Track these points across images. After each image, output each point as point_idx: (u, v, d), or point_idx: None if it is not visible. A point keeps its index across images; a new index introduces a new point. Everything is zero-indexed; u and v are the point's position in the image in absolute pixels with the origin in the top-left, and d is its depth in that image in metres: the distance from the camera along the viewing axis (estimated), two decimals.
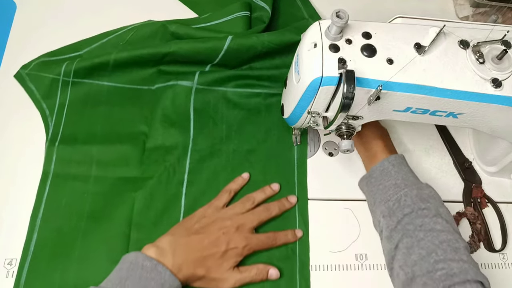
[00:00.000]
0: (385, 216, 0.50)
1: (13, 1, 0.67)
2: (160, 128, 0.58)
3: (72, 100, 0.59)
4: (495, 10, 0.71)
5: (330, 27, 0.42)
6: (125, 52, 0.60)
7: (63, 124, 0.58)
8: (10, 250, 0.51)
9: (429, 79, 0.43)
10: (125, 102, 0.60)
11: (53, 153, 0.56)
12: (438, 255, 0.44)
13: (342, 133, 0.49)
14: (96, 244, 0.51)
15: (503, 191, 0.61)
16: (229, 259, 0.49)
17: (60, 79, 0.59)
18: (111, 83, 0.61)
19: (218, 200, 0.54)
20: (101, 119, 0.59)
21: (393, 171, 0.52)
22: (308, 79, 0.43)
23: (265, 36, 0.61)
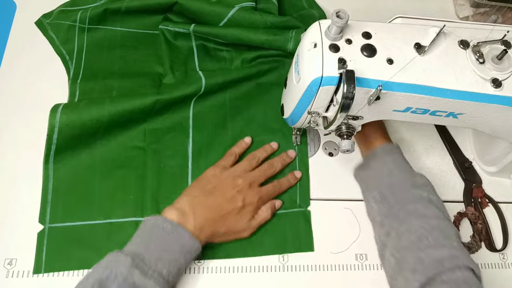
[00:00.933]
0: (377, 201, 0.50)
1: (13, 1, 0.67)
2: (172, 68, 0.63)
3: (89, 45, 0.63)
4: (495, 10, 0.71)
5: (330, 27, 0.42)
6: (136, 1, 0.64)
7: (83, 66, 0.62)
8: (10, 250, 0.51)
9: (429, 79, 0.43)
10: (138, 45, 0.65)
11: (76, 89, 0.59)
12: (429, 240, 0.45)
13: (342, 133, 0.49)
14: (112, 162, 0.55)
15: (503, 191, 0.61)
16: (247, 213, 0.52)
17: (77, 26, 0.63)
18: (124, 28, 0.65)
19: (224, 161, 0.56)
20: (117, 60, 0.63)
21: (387, 158, 0.53)
22: (308, 79, 0.43)
23: (269, 17, 0.63)
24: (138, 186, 0.55)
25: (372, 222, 0.53)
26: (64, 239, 0.51)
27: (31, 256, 0.51)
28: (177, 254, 0.46)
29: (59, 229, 0.52)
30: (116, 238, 0.51)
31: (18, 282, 0.49)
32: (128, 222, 0.53)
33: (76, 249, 0.51)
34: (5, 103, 0.60)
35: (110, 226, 0.52)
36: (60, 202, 0.53)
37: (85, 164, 0.55)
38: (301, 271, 0.53)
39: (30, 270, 0.50)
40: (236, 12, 0.62)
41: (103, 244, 0.51)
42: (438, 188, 0.59)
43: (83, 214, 0.53)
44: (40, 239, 0.51)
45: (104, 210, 0.53)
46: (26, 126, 0.58)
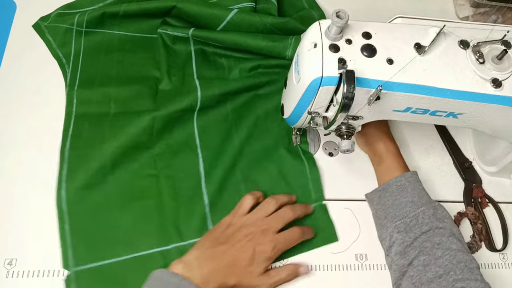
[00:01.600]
0: (401, 232, 0.49)
1: (13, 1, 0.67)
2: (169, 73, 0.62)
3: (86, 48, 0.63)
4: (495, 10, 0.71)
5: (330, 27, 0.42)
6: (134, 5, 0.64)
7: (79, 70, 0.61)
8: (10, 250, 0.51)
9: (429, 79, 0.43)
10: (136, 49, 0.64)
11: (73, 97, 0.59)
12: (456, 274, 0.45)
13: (342, 133, 0.49)
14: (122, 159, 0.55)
15: (503, 191, 0.61)
16: (258, 265, 0.48)
17: (74, 29, 0.63)
18: (122, 31, 0.65)
19: (241, 207, 0.52)
20: (115, 64, 0.62)
21: (410, 188, 0.52)
22: (308, 79, 0.43)
23: (269, 18, 0.63)
24: (158, 215, 0.53)
25: (387, 250, 0.51)
26: (92, 281, 0.49)
27: (31, 256, 0.51)
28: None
29: (85, 272, 0.49)
30: (145, 272, 0.48)
31: (18, 282, 0.49)
32: (154, 253, 0.51)
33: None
34: (5, 103, 0.60)
35: (137, 260, 0.51)
36: (81, 243, 0.51)
37: (100, 201, 0.53)
38: None
39: (30, 270, 0.50)
40: (235, 14, 0.62)
41: (132, 280, 0.49)
42: (438, 188, 0.60)
43: (107, 252, 0.50)
44: (68, 285, 0.49)
45: (128, 245, 0.51)
46: (26, 126, 0.58)
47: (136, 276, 0.49)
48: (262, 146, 0.59)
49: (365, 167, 0.60)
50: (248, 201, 0.52)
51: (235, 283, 0.47)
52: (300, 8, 0.70)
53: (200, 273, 0.46)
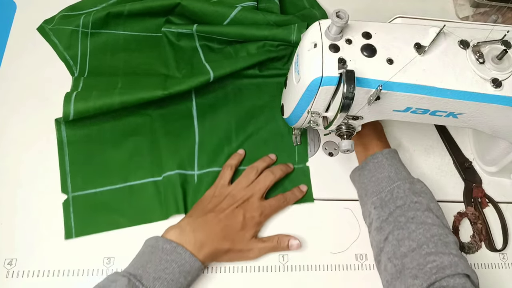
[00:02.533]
0: (377, 207, 0.50)
1: (13, 1, 0.67)
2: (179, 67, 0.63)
3: (92, 49, 0.63)
4: (495, 10, 0.71)
5: (330, 27, 0.42)
6: (138, 4, 0.63)
7: (87, 70, 0.62)
8: (10, 250, 0.51)
9: (429, 79, 0.43)
10: (142, 48, 0.65)
11: (79, 82, 0.59)
12: (429, 247, 0.45)
13: (342, 133, 0.49)
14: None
15: (503, 191, 0.61)
16: (249, 229, 0.51)
17: (80, 31, 0.63)
18: (127, 31, 0.65)
19: (222, 178, 0.55)
20: (122, 63, 0.63)
21: (387, 164, 0.53)
22: (308, 79, 0.43)
23: (272, 16, 0.63)
24: (150, 150, 0.57)
25: (368, 227, 0.52)
26: (88, 205, 0.53)
27: (31, 256, 0.51)
28: (176, 274, 0.45)
29: (82, 197, 0.54)
30: (138, 199, 0.54)
31: (18, 282, 0.49)
32: (147, 183, 0.55)
33: (102, 213, 0.53)
34: (5, 103, 0.60)
35: (130, 189, 0.55)
36: (78, 172, 0.55)
37: (96, 137, 0.57)
38: (301, 271, 0.53)
39: (30, 270, 0.50)
40: (239, 12, 0.62)
41: (126, 206, 0.54)
42: (438, 188, 0.60)
43: (102, 181, 0.55)
44: (66, 208, 0.53)
45: (122, 175, 0.55)
46: (26, 126, 0.58)
47: (128, 203, 0.54)
48: (256, 105, 0.62)
49: None
50: (228, 172, 0.55)
51: (229, 247, 0.49)
52: (301, 7, 0.70)
53: (194, 239, 0.48)
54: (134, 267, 0.46)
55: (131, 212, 0.53)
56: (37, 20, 0.65)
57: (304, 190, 0.57)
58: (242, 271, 0.52)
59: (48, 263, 0.50)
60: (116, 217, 0.53)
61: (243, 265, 0.52)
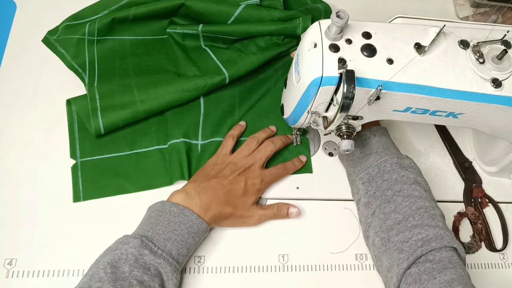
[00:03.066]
0: (365, 183, 0.51)
1: (13, 1, 0.67)
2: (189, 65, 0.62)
3: (100, 56, 0.63)
4: (495, 10, 0.71)
5: (330, 27, 0.42)
6: (143, 8, 0.63)
7: (97, 74, 0.61)
8: (10, 250, 0.51)
9: (429, 79, 0.43)
10: (150, 51, 0.65)
11: (94, 92, 0.58)
12: (415, 220, 0.45)
13: (342, 133, 0.49)
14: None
15: (503, 191, 0.61)
16: (251, 196, 0.53)
17: (86, 39, 0.63)
18: (133, 36, 0.65)
19: (224, 147, 0.57)
20: (131, 68, 0.63)
21: (374, 140, 0.53)
22: (308, 79, 0.43)
23: (276, 12, 0.63)
24: (158, 119, 0.59)
25: (357, 204, 0.53)
26: (96, 170, 0.56)
27: (31, 256, 0.51)
28: (185, 235, 0.47)
29: (90, 162, 0.56)
30: (144, 166, 0.57)
31: (18, 282, 0.49)
32: (153, 151, 0.58)
33: (109, 178, 0.56)
34: (5, 103, 0.60)
35: (137, 156, 0.57)
36: (87, 138, 0.57)
37: None
38: (301, 271, 0.53)
39: (30, 270, 0.50)
40: (243, 10, 0.62)
41: (132, 172, 0.56)
42: (438, 188, 0.60)
43: (109, 148, 0.57)
44: (74, 172, 0.56)
45: (129, 143, 0.58)
46: (26, 126, 0.58)
47: (134, 169, 0.56)
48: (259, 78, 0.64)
49: None
50: (230, 142, 0.57)
51: (231, 212, 0.51)
52: (304, 3, 0.70)
53: (199, 202, 0.49)
54: (143, 229, 0.47)
55: (137, 178, 0.56)
56: (37, 20, 0.66)
57: (303, 161, 0.59)
58: (242, 271, 0.52)
59: (48, 263, 0.50)
60: (122, 182, 0.55)
61: (243, 265, 0.52)
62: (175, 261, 0.46)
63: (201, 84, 0.59)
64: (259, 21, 0.62)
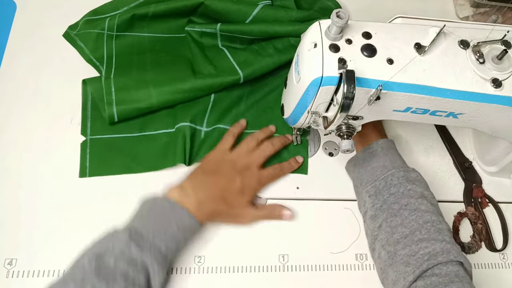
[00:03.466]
0: (371, 196, 0.51)
1: (13, 1, 0.67)
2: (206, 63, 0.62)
3: (118, 52, 0.64)
4: (495, 10, 0.71)
5: (330, 27, 0.42)
6: (163, 5, 0.63)
7: (114, 67, 0.62)
8: (10, 250, 0.51)
9: (429, 79, 0.43)
10: (167, 49, 0.65)
11: (111, 85, 0.59)
12: (422, 234, 0.45)
13: (342, 133, 0.49)
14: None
15: (503, 191, 0.61)
16: (246, 195, 0.53)
17: (105, 33, 0.63)
18: (151, 33, 0.66)
19: (223, 144, 0.57)
20: (149, 63, 0.63)
21: (382, 153, 0.53)
22: (308, 79, 0.43)
23: (293, 12, 0.63)
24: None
25: (363, 216, 0.53)
26: (104, 148, 0.57)
27: (31, 256, 0.51)
28: (175, 230, 0.47)
29: (99, 140, 0.58)
30: (150, 147, 0.58)
31: (18, 282, 0.49)
32: (161, 134, 0.59)
33: (116, 157, 0.57)
34: (5, 103, 0.60)
35: (145, 138, 0.59)
36: (98, 117, 0.58)
37: None
38: (301, 271, 0.53)
39: (30, 270, 0.50)
40: (261, 9, 0.62)
41: (140, 152, 0.58)
42: (438, 188, 0.59)
43: (120, 128, 0.59)
44: (83, 149, 0.57)
45: (138, 125, 0.59)
46: (26, 126, 0.58)
47: (142, 149, 0.58)
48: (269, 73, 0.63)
49: None
50: (229, 140, 0.57)
51: (225, 209, 0.52)
52: (313, 0, 0.70)
53: (194, 198, 0.49)
54: (133, 222, 0.47)
55: (144, 159, 0.57)
56: (37, 20, 0.66)
57: (300, 161, 0.59)
58: (242, 271, 0.52)
59: (48, 263, 0.50)
60: (130, 161, 0.57)
61: (243, 265, 0.52)
62: (163, 256, 0.45)
63: (216, 84, 0.59)
64: (276, 21, 0.62)
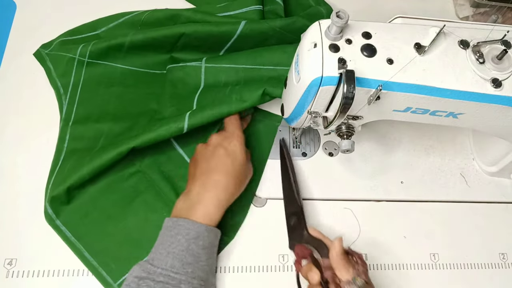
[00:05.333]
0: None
1: (13, 1, 0.67)
2: (169, 104, 0.59)
3: (86, 80, 0.61)
4: (495, 10, 0.71)
5: (330, 27, 0.42)
6: (141, 35, 0.61)
7: (76, 103, 0.59)
8: (10, 250, 0.51)
9: (429, 79, 0.43)
10: (138, 84, 0.62)
11: (66, 133, 0.57)
12: None
13: (342, 133, 0.49)
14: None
15: (503, 191, 0.61)
16: (239, 157, 0.52)
17: (76, 59, 0.61)
18: (125, 65, 0.62)
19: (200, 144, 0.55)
20: (114, 98, 0.60)
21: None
22: (308, 79, 0.43)
23: (277, 22, 0.62)
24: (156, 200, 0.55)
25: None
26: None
27: (31, 256, 0.51)
28: (184, 244, 0.46)
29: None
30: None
31: (18, 282, 0.49)
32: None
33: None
34: (5, 103, 0.60)
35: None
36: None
37: (100, 218, 0.53)
38: None
39: (30, 270, 0.50)
40: (244, 26, 0.60)
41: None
42: (438, 188, 0.60)
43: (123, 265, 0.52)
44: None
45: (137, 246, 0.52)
46: (25, 126, 0.58)
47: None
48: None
49: (365, 167, 0.60)
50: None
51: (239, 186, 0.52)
52: (306, 6, 0.69)
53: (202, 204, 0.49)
54: (150, 253, 0.48)
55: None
56: (37, 20, 0.66)
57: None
58: (242, 271, 0.52)
59: (48, 263, 0.50)
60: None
61: (243, 265, 0.52)
62: (179, 273, 0.45)
63: (162, 135, 0.54)
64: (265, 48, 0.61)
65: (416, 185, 0.60)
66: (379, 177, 0.60)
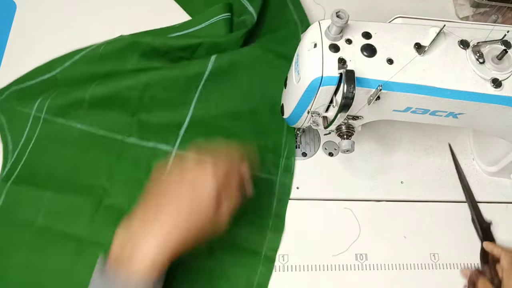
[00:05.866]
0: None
1: (13, 1, 0.67)
2: (123, 188, 0.53)
3: (39, 138, 0.55)
4: (495, 10, 0.71)
5: (330, 27, 0.42)
6: (103, 86, 0.56)
7: (23, 162, 0.54)
8: None
9: (429, 79, 0.43)
10: (93, 149, 0.56)
11: (2, 191, 0.52)
12: None
13: (342, 133, 0.49)
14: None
15: (503, 191, 0.61)
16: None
17: (32, 115, 0.56)
18: (85, 126, 0.56)
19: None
20: (63, 163, 0.55)
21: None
22: (308, 79, 0.43)
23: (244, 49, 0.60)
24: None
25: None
26: None
27: None
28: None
29: None
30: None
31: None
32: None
33: None
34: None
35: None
36: None
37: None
38: (301, 271, 0.53)
39: None
40: (214, 63, 0.59)
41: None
42: (438, 188, 0.59)
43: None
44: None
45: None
46: None
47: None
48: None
49: (365, 167, 0.60)
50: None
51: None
52: (289, 21, 0.66)
53: (153, 251, 0.39)
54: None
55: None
56: (37, 20, 0.66)
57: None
58: None
59: None
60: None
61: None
62: None
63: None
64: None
65: (416, 185, 0.60)
66: (379, 177, 0.60)
